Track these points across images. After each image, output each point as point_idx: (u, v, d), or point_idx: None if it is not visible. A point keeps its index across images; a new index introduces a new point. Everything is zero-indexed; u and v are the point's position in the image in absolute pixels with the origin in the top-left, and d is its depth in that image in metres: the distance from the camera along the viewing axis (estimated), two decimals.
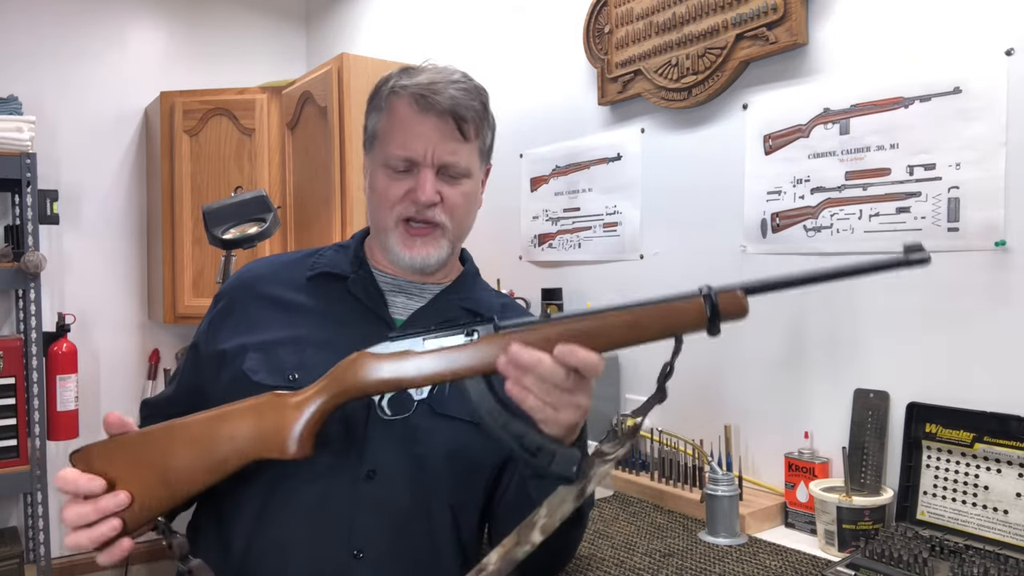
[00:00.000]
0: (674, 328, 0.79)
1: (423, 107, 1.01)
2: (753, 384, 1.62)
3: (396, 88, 1.04)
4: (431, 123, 1.01)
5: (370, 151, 1.09)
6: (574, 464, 0.79)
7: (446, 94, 1.01)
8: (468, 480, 1.01)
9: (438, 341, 0.83)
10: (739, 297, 0.78)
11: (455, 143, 1.03)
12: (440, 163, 1.02)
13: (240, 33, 3.57)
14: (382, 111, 1.05)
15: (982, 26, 1.26)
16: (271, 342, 1.01)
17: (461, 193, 1.06)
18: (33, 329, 2.67)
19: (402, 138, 1.02)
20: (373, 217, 1.09)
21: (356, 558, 0.93)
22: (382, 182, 1.05)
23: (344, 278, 1.08)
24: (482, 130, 1.07)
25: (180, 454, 0.82)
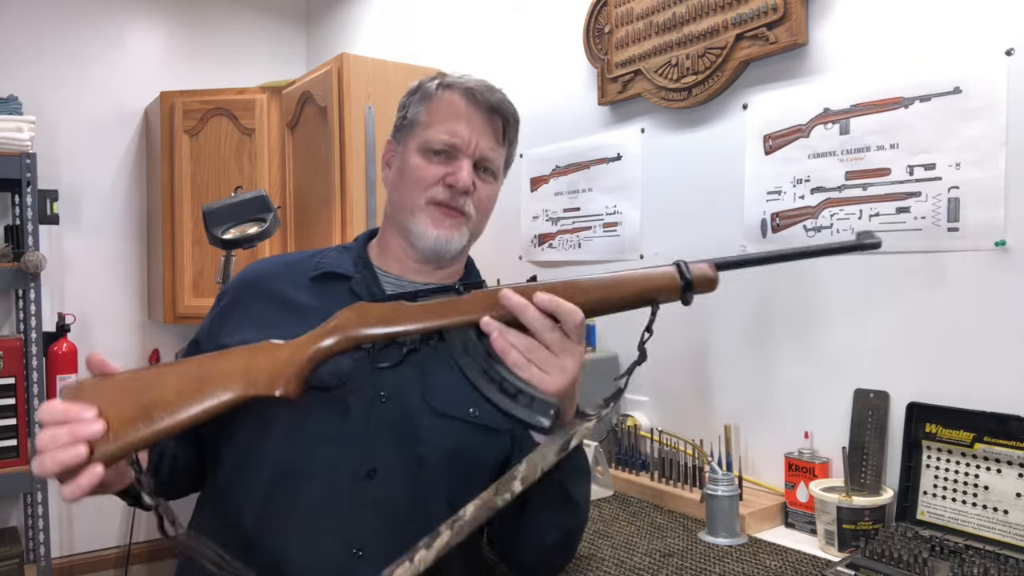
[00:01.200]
0: (650, 293, 0.85)
1: (474, 101, 1.06)
2: (753, 384, 1.62)
3: (448, 83, 1.08)
4: (480, 116, 1.06)
5: (404, 137, 1.11)
6: (551, 408, 0.80)
7: (495, 95, 1.07)
8: (468, 480, 1.01)
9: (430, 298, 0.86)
10: (708, 269, 0.85)
11: (495, 142, 1.08)
12: (479, 156, 1.06)
13: (240, 33, 3.57)
14: (430, 100, 1.08)
15: (982, 26, 1.26)
16: None
17: (489, 192, 1.10)
18: (33, 329, 2.67)
19: (450, 124, 1.05)
20: (399, 198, 1.10)
21: (356, 556, 0.93)
22: (417, 163, 1.06)
23: (347, 278, 1.08)
24: (514, 141, 1.13)
25: (167, 388, 0.81)
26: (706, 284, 0.84)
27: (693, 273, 0.84)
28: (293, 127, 2.80)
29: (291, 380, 0.82)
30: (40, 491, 2.65)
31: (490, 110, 1.07)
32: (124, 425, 0.78)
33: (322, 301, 1.06)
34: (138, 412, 0.79)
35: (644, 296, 0.84)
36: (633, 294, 0.84)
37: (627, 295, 0.84)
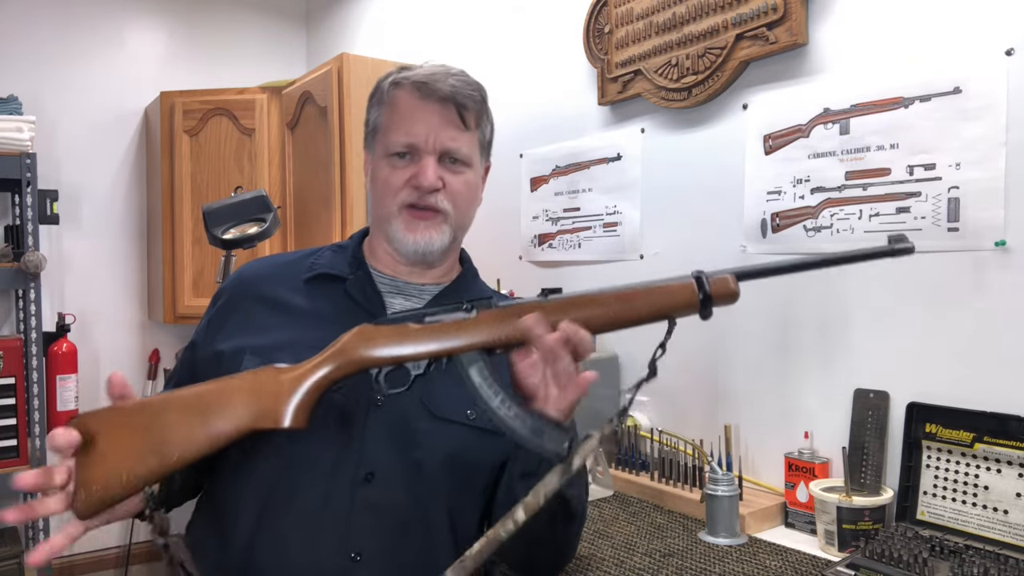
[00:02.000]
0: (667, 308, 0.82)
1: (424, 94, 1.03)
2: (753, 384, 1.62)
3: (397, 80, 1.06)
4: (432, 109, 1.03)
5: (371, 146, 1.10)
6: (566, 440, 0.79)
7: (446, 82, 1.03)
8: (466, 484, 1.00)
9: (437, 318, 0.84)
10: (729, 281, 0.82)
11: (456, 130, 1.04)
12: (442, 149, 1.04)
13: (240, 33, 3.57)
14: (383, 104, 1.07)
15: (982, 26, 1.26)
16: (269, 346, 1.01)
17: (463, 181, 1.06)
18: (33, 329, 2.67)
19: (404, 125, 1.03)
20: (375, 208, 1.09)
21: (354, 560, 0.93)
22: (384, 172, 1.06)
23: (342, 279, 1.07)
24: (481, 121, 1.08)
25: (174, 423, 0.81)
26: (727, 297, 0.81)
27: (713, 286, 0.81)
28: (293, 127, 2.80)
29: (299, 412, 0.82)
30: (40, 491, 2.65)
31: (442, 100, 1.02)
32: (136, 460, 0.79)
33: (317, 303, 1.06)
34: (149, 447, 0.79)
35: (661, 312, 0.81)
36: (650, 310, 0.81)
37: (643, 312, 0.81)
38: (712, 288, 0.81)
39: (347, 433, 0.96)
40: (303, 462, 0.95)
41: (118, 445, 0.79)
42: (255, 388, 0.83)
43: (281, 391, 0.82)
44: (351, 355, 0.83)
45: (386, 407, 0.97)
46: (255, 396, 0.82)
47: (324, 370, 0.83)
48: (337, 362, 0.83)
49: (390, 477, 0.96)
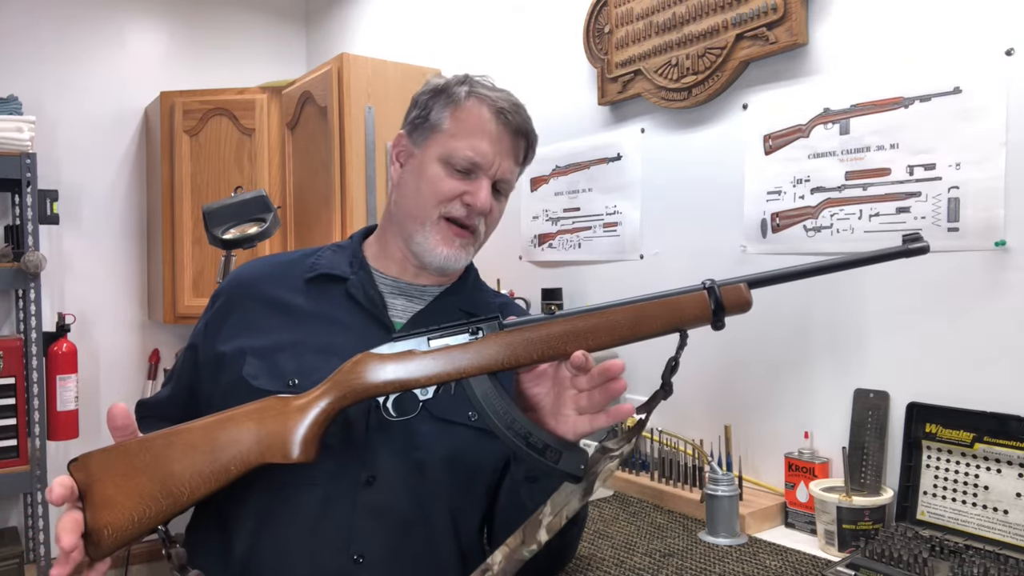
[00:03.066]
0: (678, 322, 0.80)
1: (503, 121, 1.03)
2: (753, 384, 1.62)
3: (479, 94, 1.05)
4: (507, 137, 1.04)
5: (425, 139, 1.06)
6: (581, 462, 0.79)
7: (522, 116, 1.06)
8: (468, 485, 1.00)
9: (442, 341, 0.82)
10: (742, 290, 0.79)
11: (515, 163, 1.07)
12: (499, 177, 1.05)
13: (240, 33, 3.57)
14: (458, 108, 1.04)
15: (982, 26, 1.26)
16: (270, 347, 1.00)
17: (500, 210, 1.10)
18: (33, 329, 2.67)
19: (476, 141, 1.02)
20: (410, 206, 1.06)
21: (357, 563, 0.92)
22: (436, 174, 1.04)
23: (343, 280, 1.07)
24: (530, 160, 1.12)
25: (180, 461, 0.81)
26: (740, 306, 0.80)
27: (725, 296, 0.79)
28: (293, 127, 2.80)
29: (307, 446, 0.82)
30: (40, 491, 2.65)
31: (516, 132, 1.05)
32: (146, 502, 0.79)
33: (317, 304, 1.05)
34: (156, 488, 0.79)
35: (672, 325, 0.80)
36: (661, 325, 0.80)
37: (655, 327, 0.80)
38: (725, 298, 0.79)
39: (348, 437, 0.95)
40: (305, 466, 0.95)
41: (125, 488, 0.79)
42: (260, 423, 0.82)
43: (287, 425, 0.82)
44: (354, 384, 0.83)
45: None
46: (262, 431, 0.82)
47: (327, 401, 0.83)
48: (341, 391, 0.83)
49: (392, 480, 0.96)
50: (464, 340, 0.82)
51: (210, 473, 0.81)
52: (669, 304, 0.80)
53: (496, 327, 0.82)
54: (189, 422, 0.84)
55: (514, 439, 0.79)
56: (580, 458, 0.79)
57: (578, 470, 0.79)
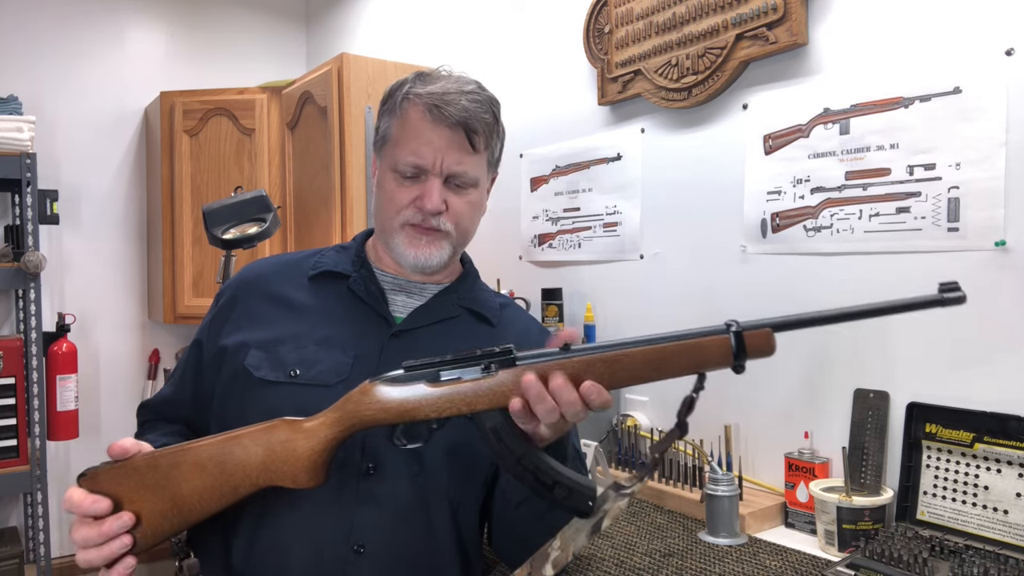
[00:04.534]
0: (698, 365, 0.78)
1: (435, 117, 1.02)
2: (753, 384, 1.62)
3: (410, 95, 1.04)
4: (442, 133, 1.02)
5: (380, 152, 1.10)
6: (590, 499, 0.78)
7: (459, 105, 1.02)
8: (467, 476, 1.01)
9: (454, 374, 0.82)
10: (768, 336, 0.78)
11: (463, 154, 1.04)
12: (448, 173, 1.04)
13: (240, 33, 3.57)
14: (395, 115, 1.06)
15: (982, 26, 1.26)
16: (272, 340, 1.02)
17: (466, 202, 1.07)
18: (33, 329, 2.67)
19: (413, 145, 1.03)
20: (379, 218, 1.10)
21: (357, 552, 0.94)
22: (390, 185, 1.06)
23: (346, 277, 1.09)
24: (491, 141, 1.08)
25: (189, 480, 0.82)
26: (763, 351, 0.78)
27: (748, 341, 0.78)
28: (293, 127, 2.80)
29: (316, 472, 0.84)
30: (40, 491, 2.65)
31: (452, 125, 1.02)
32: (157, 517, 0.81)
33: (320, 300, 1.07)
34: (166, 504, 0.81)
35: (691, 368, 0.79)
36: (680, 367, 0.79)
37: (675, 369, 0.79)
38: (748, 343, 0.78)
39: None
40: None
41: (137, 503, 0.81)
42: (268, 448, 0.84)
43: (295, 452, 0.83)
44: (363, 414, 0.83)
45: None
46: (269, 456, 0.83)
47: (335, 429, 0.84)
48: (350, 421, 0.84)
49: (392, 470, 0.97)
50: (476, 375, 0.81)
51: (219, 495, 0.82)
52: (690, 347, 0.79)
53: (510, 362, 0.81)
54: (195, 441, 0.85)
55: (523, 473, 0.79)
56: (588, 495, 0.78)
57: (586, 506, 0.78)
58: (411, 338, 1.04)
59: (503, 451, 0.80)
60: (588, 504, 0.78)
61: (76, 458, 3.09)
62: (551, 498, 0.79)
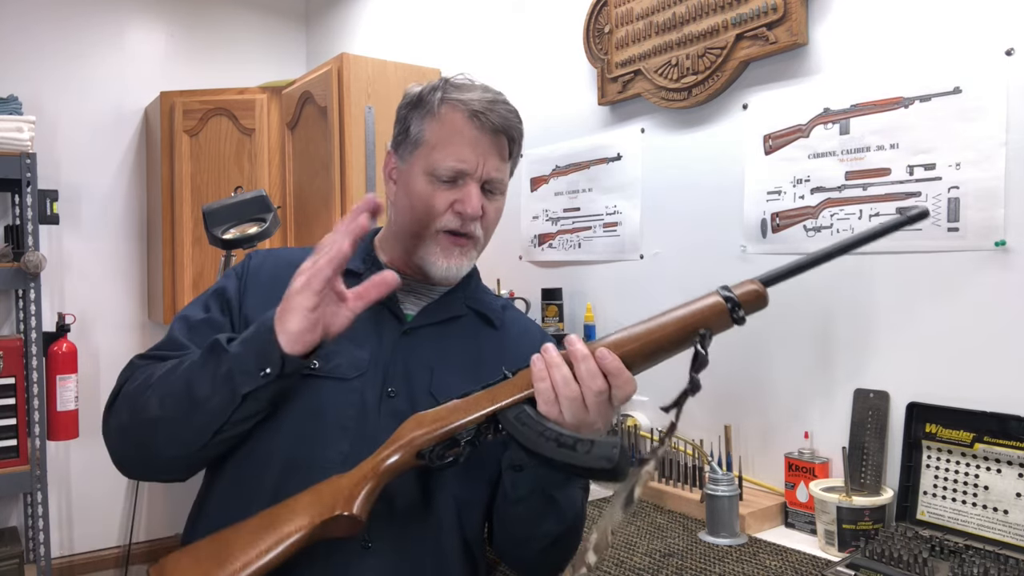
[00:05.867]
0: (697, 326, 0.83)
1: (480, 124, 1.03)
2: (753, 384, 1.62)
3: (451, 100, 1.04)
4: (486, 139, 1.03)
5: (407, 154, 1.08)
6: (614, 447, 0.79)
7: (499, 113, 1.04)
8: (474, 475, 1.01)
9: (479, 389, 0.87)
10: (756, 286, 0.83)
11: (501, 161, 1.06)
12: (487, 179, 1.04)
13: (240, 33, 3.57)
14: (434, 118, 1.05)
15: (982, 26, 1.26)
16: None
17: (496, 208, 1.08)
18: (33, 329, 2.67)
19: (456, 150, 1.02)
20: (408, 224, 1.08)
21: (365, 548, 0.94)
22: (424, 189, 1.04)
23: (357, 274, 1.08)
24: (517, 153, 1.11)
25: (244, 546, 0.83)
26: (755, 300, 0.83)
27: (738, 292, 0.82)
28: (293, 127, 2.80)
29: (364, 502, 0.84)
30: (40, 491, 2.65)
31: (495, 131, 1.03)
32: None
33: None
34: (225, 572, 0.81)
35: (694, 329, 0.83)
36: (682, 330, 0.83)
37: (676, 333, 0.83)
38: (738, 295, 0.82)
39: (362, 423, 0.97)
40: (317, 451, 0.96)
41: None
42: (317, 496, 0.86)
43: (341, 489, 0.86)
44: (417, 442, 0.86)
45: (397, 399, 0.99)
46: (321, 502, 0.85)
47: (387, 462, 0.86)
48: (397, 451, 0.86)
49: None
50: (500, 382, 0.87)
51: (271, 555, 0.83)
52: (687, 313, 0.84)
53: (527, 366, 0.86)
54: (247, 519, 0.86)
55: (546, 443, 0.81)
56: (611, 444, 0.79)
57: (611, 453, 0.78)
58: (420, 335, 1.05)
59: (526, 431, 0.82)
60: (612, 451, 0.78)
61: (76, 458, 3.09)
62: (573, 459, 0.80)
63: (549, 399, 0.82)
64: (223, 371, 0.87)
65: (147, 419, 0.94)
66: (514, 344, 1.10)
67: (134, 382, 1.01)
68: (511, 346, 1.09)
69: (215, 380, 0.88)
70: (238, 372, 0.86)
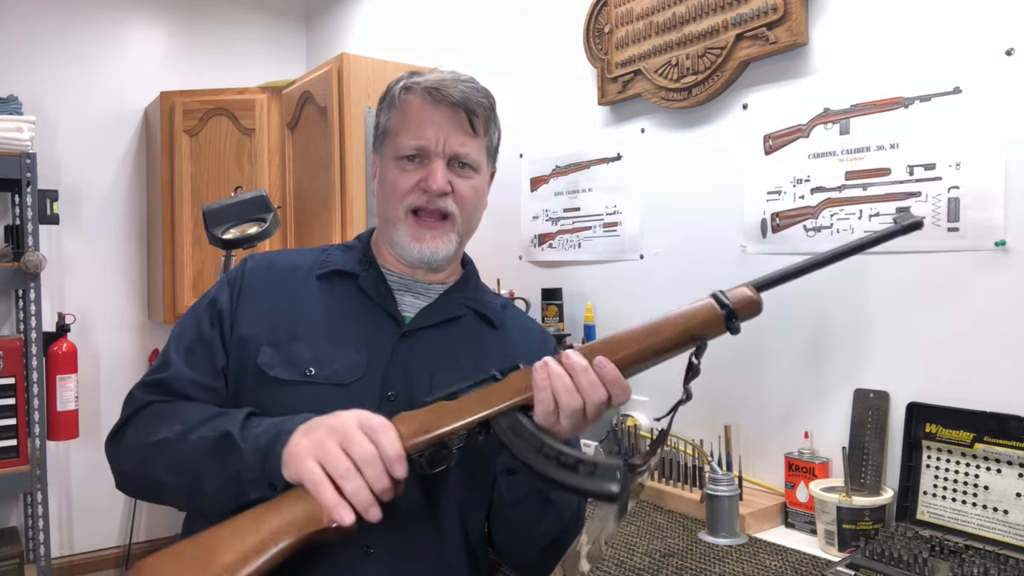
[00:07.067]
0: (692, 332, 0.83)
1: (435, 99, 1.03)
2: (753, 384, 1.62)
3: (408, 85, 1.06)
4: (443, 114, 1.03)
5: (380, 148, 1.10)
6: (617, 471, 0.77)
7: (457, 88, 1.04)
8: (476, 480, 1.01)
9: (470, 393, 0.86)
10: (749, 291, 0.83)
11: (465, 136, 1.05)
12: (451, 153, 1.04)
13: (240, 33, 3.57)
14: (395, 107, 1.07)
15: (982, 26, 1.26)
16: (284, 337, 1.01)
17: (471, 186, 1.07)
18: (33, 329, 2.67)
19: (415, 129, 1.04)
20: (382, 211, 1.09)
21: (367, 554, 0.93)
22: (392, 174, 1.06)
23: (354, 276, 1.08)
24: (489, 128, 1.09)
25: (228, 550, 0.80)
26: (750, 308, 0.83)
27: (732, 299, 0.82)
28: (293, 127, 2.80)
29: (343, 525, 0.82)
30: (40, 491, 2.65)
31: (452, 106, 1.03)
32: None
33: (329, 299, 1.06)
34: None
35: (688, 336, 0.83)
36: (676, 337, 0.83)
37: (670, 340, 0.83)
38: (732, 301, 0.82)
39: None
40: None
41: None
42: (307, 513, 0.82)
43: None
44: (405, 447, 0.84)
45: (397, 403, 0.98)
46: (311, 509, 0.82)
47: None
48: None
49: None
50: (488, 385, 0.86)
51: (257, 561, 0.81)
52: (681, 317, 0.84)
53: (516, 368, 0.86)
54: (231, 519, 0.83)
55: (545, 461, 0.79)
56: (614, 467, 0.77)
57: (614, 478, 0.76)
58: (420, 337, 1.04)
59: (523, 445, 0.81)
60: (616, 475, 0.77)
61: (76, 458, 3.09)
62: (574, 482, 0.78)
63: (548, 409, 0.82)
64: (232, 471, 0.86)
65: (153, 479, 0.94)
66: (515, 344, 1.09)
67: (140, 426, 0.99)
68: (512, 346, 1.09)
69: (223, 477, 0.87)
70: (247, 479, 0.85)
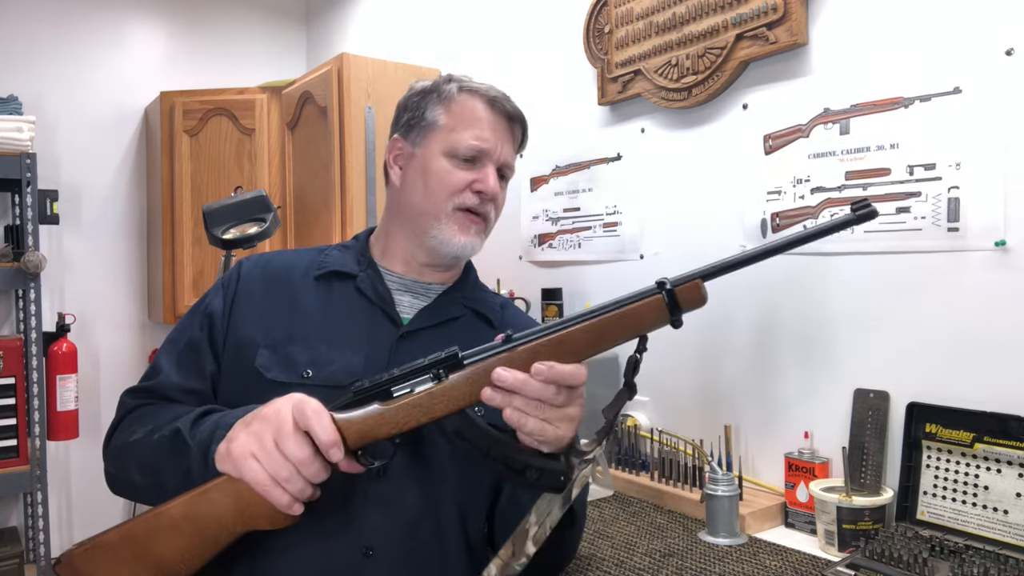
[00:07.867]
0: (638, 329, 0.83)
1: (497, 109, 1.08)
2: (753, 384, 1.62)
3: (467, 87, 1.09)
4: (502, 123, 1.08)
5: (423, 138, 1.09)
6: (561, 475, 0.81)
7: (510, 103, 1.10)
8: (474, 479, 1.01)
9: (405, 388, 0.83)
10: (696, 286, 0.84)
11: (512, 147, 1.11)
12: (502, 161, 1.08)
13: (240, 33, 3.57)
14: (453, 103, 1.08)
15: (982, 26, 1.26)
16: (282, 339, 1.01)
17: (503, 195, 1.12)
18: (33, 329, 2.67)
19: (478, 131, 1.06)
20: (421, 201, 1.08)
21: (366, 556, 0.93)
22: (443, 167, 1.06)
23: (352, 276, 1.08)
24: (523, 148, 1.16)
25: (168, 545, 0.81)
26: (694, 301, 0.84)
27: (680, 296, 0.83)
28: (293, 127, 2.80)
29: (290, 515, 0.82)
30: (40, 491, 2.65)
31: (510, 118, 1.09)
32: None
33: (327, 300, 1.06)
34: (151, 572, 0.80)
35: (633, 334, 0.83)
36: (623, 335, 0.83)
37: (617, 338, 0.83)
38: (681, 297, 0.83)
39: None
40: None
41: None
42: (237, 496, 0.82)
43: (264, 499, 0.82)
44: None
45: None
46: (240, 503, 0.82)
47: None
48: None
49: (400, 473, 0.96)
50: (427, 385, 0.83)
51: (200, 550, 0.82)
52: (628, 313, 0.83)
53: (457, 364, 0.83)
54: (163, 505, 0.84)
55: (492, 464, 0.81)
56: (559, 471, 0.80)
57: (559, 482, 0.81)
58: (418, 338, 1.04)
59: (470, 449, 0.82)
60: (560, 480, 0.81)
61: (76, 458, 3.09)
62: (523, 481, 0.82)
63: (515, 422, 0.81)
64: (184, 468, 0.87)
65: (129, 479, 0.97)
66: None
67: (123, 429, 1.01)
68: None
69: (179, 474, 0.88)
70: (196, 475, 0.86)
